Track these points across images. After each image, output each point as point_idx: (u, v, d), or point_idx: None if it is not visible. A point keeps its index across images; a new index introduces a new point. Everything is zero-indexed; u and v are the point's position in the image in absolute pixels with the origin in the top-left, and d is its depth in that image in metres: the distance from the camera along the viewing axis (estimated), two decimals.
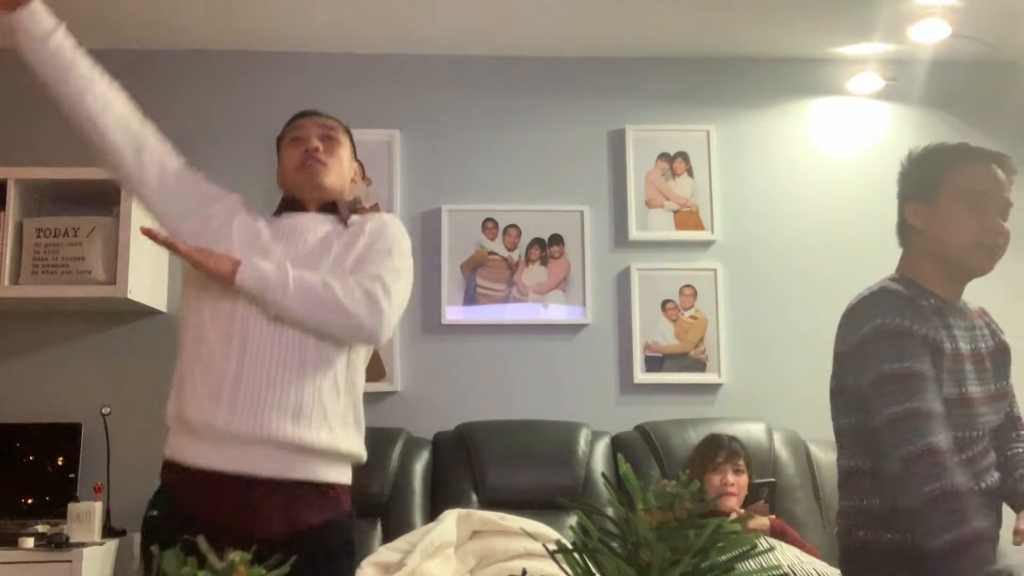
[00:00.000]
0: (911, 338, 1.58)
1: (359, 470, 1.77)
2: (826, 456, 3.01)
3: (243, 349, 1.60)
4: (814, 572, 2.19)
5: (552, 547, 0.90)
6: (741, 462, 2.58)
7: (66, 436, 2.94)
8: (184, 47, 3.32)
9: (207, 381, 1.61)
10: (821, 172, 3.42)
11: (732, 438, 2.66)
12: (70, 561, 2.54)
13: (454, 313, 3.23)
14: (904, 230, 1.76)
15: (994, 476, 1.68)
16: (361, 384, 1.75)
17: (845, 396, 1.71)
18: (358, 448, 1.72)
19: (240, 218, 1.75)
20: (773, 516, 2.57)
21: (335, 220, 1.81)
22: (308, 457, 1.63)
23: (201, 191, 1.78)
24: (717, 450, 2.60)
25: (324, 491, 1.67)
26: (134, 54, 3.30)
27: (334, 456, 1.68)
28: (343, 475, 1.72)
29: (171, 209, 1.73)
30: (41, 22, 1.60)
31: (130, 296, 2.87)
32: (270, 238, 1.73)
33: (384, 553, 2.35)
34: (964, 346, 1.66)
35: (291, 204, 1.82)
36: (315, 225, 1.78)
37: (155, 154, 1.72)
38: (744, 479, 2.57)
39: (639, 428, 3.04)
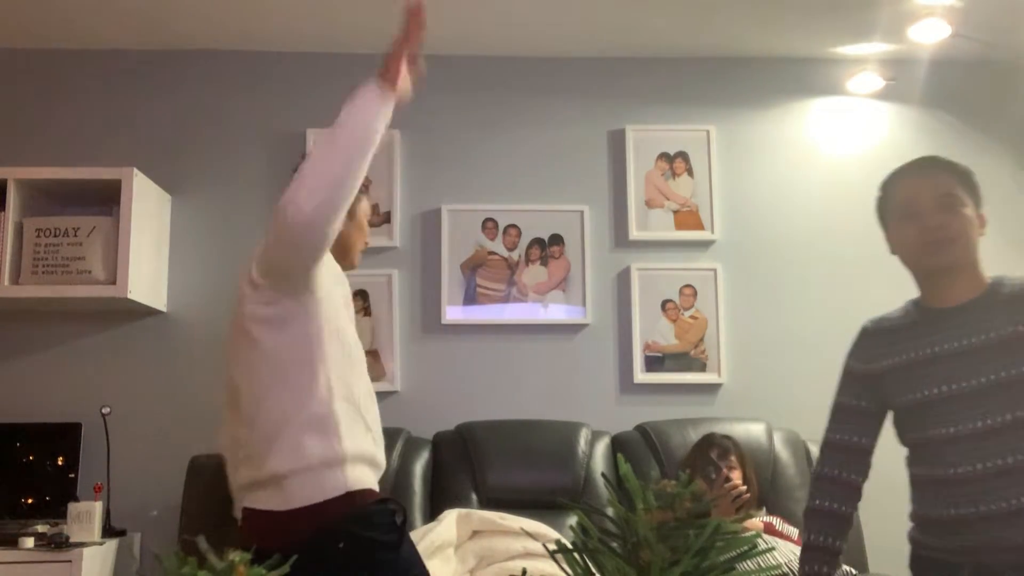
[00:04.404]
0: (846, 375, 1.84)
1: None
2: None
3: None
4: None
5: (552, 547, 0.90)
6: (733, 458, 2.61)
7: (66, 436, 2.95)
8: (185, 47, 3.32)
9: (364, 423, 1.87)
10: (821, 172, 3.42)
11: (725, 436, 2.69)
12: (70, 561, 2.54)
13: (454, 313, 3.23)
14: None
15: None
16: None
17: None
18: None
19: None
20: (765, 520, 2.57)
21: None
22: None
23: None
24: (709, 448, 2.64)
25: None
26: (135, 54, 3.31)
27: None
28: None
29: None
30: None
31: (130, 296, 2.88)
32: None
33: None
34: (945, 347, 1.67)
35: None
36: None
37: None
38: (737, 474, 2.59)
39: (639, 428, 3.04)
